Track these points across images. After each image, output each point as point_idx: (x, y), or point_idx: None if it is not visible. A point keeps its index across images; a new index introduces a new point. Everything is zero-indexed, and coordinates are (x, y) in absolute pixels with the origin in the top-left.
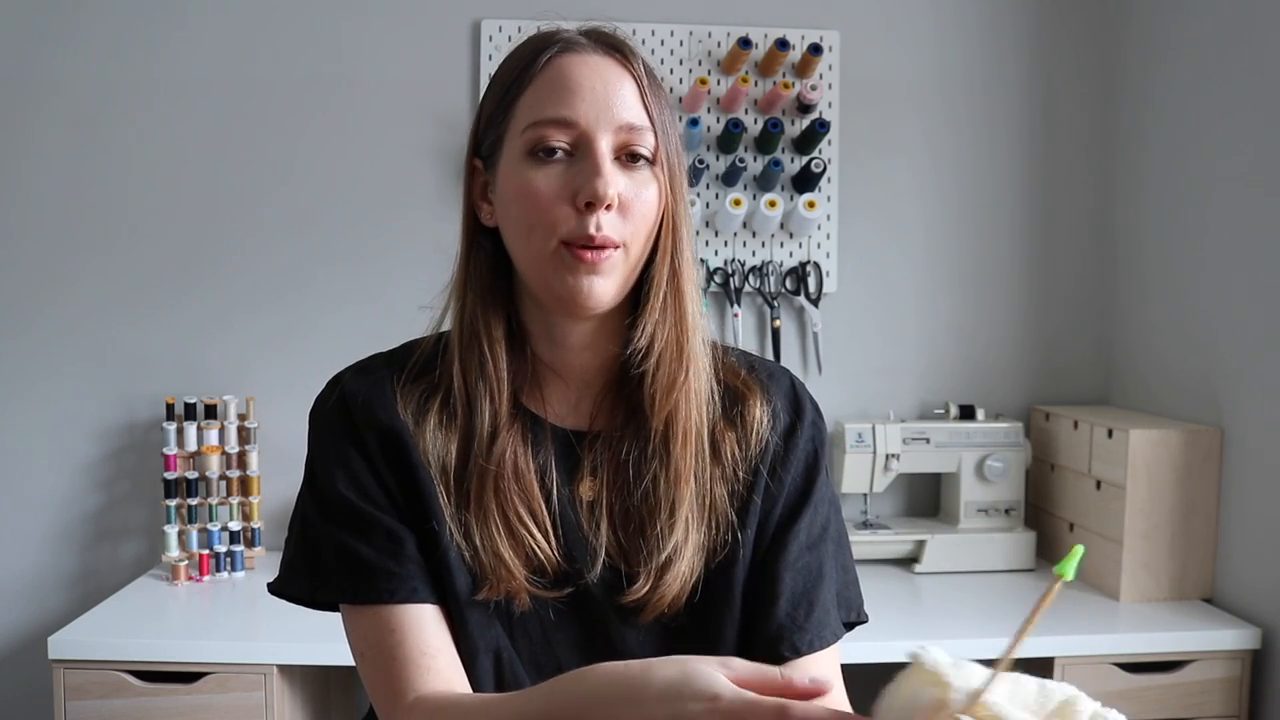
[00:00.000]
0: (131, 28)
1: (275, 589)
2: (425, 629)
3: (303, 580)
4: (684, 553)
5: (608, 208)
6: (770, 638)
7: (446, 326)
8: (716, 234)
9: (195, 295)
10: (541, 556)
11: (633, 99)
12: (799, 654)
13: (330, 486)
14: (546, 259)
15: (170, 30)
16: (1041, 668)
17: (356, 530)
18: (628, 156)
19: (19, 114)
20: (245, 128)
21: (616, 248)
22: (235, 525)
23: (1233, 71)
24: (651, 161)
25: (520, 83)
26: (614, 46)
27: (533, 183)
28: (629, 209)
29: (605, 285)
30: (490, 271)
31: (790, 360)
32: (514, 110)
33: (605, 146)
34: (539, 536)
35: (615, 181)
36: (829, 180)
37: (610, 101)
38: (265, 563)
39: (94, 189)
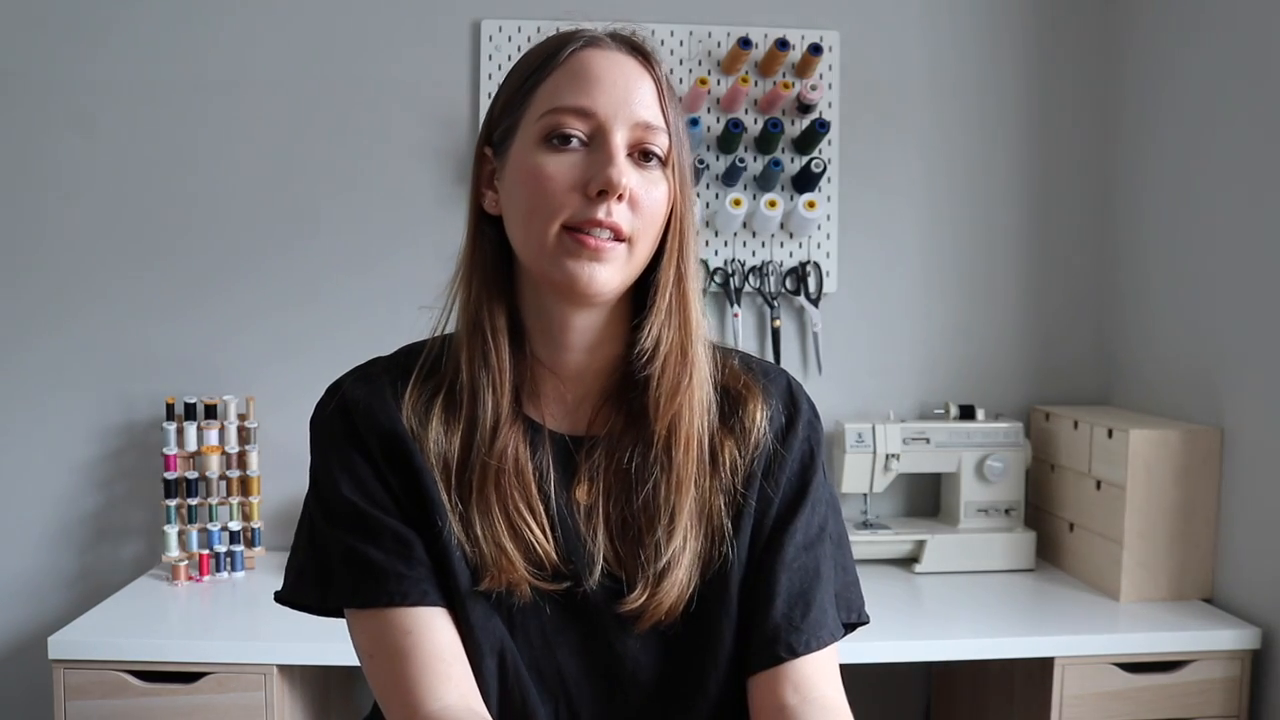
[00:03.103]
0: (131, 32)
1: (284, 599)
2: (439, 633)
3: (313, 588)
4: (681, 560)
5: (619, 198)
6: (766, 639)
7: (450, 329)
8: (716, 234)
9: (195, 295)
10: (540, 551)
11: (651, 99)
12: (795, 654)
13: (335, 492)
14: (548, 244)
15: (170, 34)
16: (1041, 668)
17: (364, 534)
18: (641, 154)
19: (26, 118)
20: (244, 127)
21: (622, 240)
22: (235, 525)
23: (1232, 70)
24: (664, 163)
25: (541, 73)
26: (636, 48)
27: (544, 168)
28: (638, 204)
29: (607, 273)
30: (494, 261)
31: (790, 360)
32: (532, 98)
33: (621, 140)
34: (538, 532)
35: (628, 174)
36: (829, 180)
37: (629, 97)
38: (265, 563)
39: (92, 191)
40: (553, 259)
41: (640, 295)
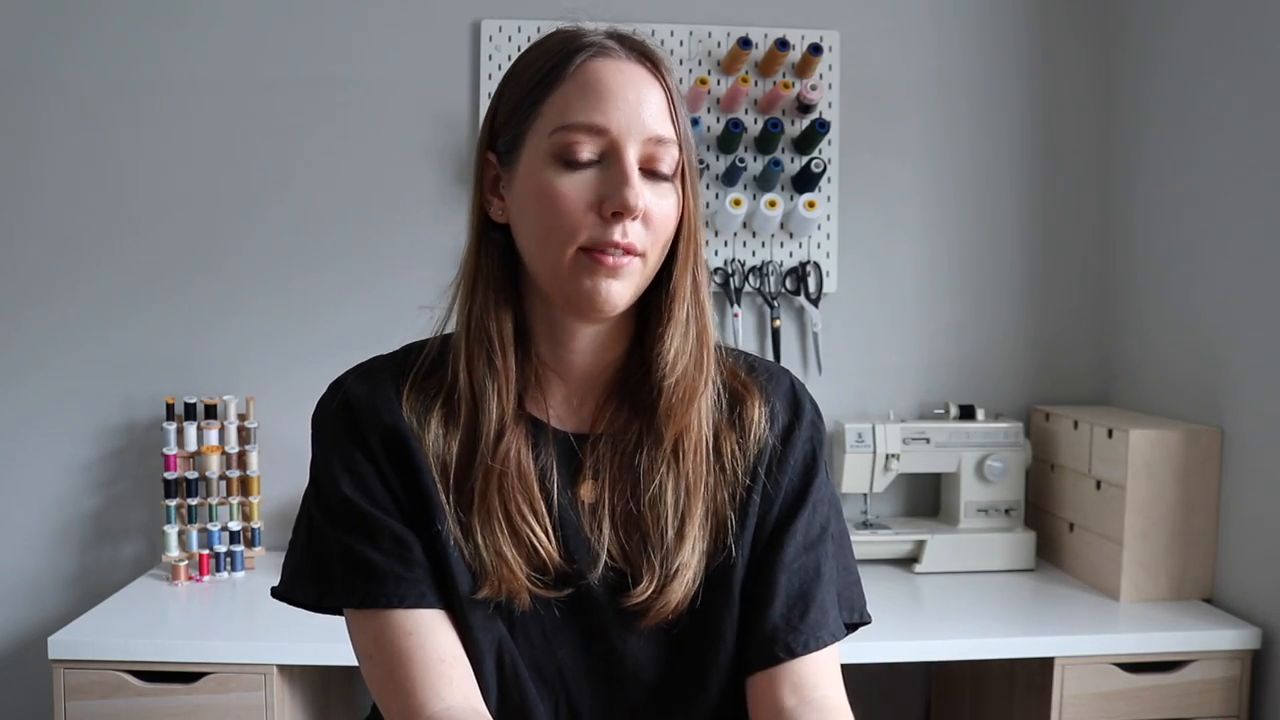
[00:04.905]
0: (131, 28)
1: (281, 594)
2: (440, 634)
3: (309, 585)
4: (691, 562)
5: (633, 218)
6: (765, 639)
7: (450, 328)
8: (716, 234)
9: (195, 295)
10: (543, 554)
11: (661, 110)
12: (794, 655)
13: (335, 490)
14: (565, 264)
15: (170, 31)
16: (1041, 668)
17: (363, 534)
18: (652, 172)
19: (20, 112)
20: (245, 127)
21: (637, 255)
22: (235, 525)
23: (1232, 71)
24: (673, 174)
25: (549, 82)
26: (646, 55)
27: (558, 187)
28: (650, 219)
29: (621, 289)
30: (501, 268)
31: (790, 360)
32: (540, 109)
33: (633, 157)
34: (540, 534)
35: (643, 192)
36: (829, 180)
37: (641, 111)
38: (265, 563)
39: (93, 188)
40: (570, 278)
41: (644, 296)
